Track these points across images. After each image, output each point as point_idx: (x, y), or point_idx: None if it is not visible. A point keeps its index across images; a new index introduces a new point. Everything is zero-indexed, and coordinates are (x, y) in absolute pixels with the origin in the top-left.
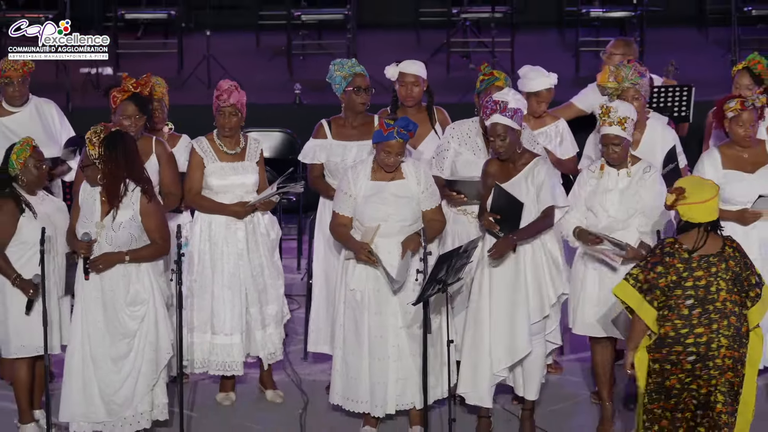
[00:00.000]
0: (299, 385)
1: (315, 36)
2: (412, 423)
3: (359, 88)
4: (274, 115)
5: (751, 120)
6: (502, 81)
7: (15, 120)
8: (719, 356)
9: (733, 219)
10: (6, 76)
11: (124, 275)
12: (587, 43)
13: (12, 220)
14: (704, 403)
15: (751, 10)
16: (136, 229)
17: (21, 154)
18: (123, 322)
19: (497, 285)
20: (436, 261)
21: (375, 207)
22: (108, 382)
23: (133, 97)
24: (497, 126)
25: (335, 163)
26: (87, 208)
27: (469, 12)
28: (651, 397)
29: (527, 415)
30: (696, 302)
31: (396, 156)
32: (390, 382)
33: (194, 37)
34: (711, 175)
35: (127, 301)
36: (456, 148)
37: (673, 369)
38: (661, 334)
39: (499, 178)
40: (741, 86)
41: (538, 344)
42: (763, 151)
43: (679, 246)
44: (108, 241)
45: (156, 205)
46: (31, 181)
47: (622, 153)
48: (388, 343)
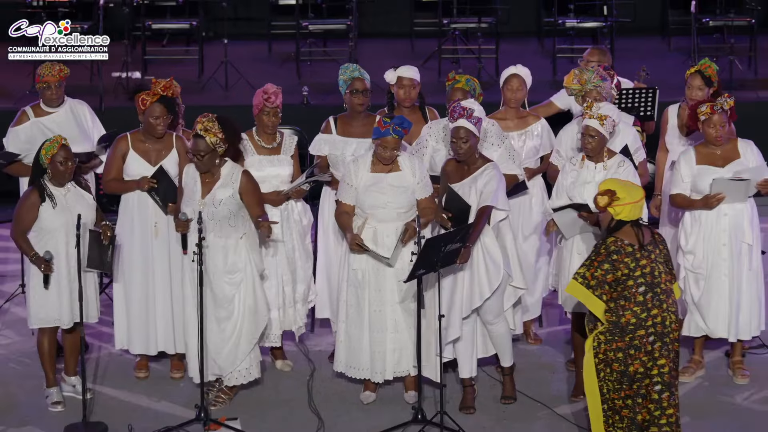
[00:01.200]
0: (307, 354)
1: (321, 44)
2: (408, 388)
3: (356, 91)
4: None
5: (720, 122)
6: (462, 83)
7: (52, 119)
8: (672, 331)
9: (700, 206)
10: (45, 81)
11: (224, 247)
12: (563, 50)
13: (33, 208)
14: (668, 381)
15: (709, 21)
16: (235, 205)
17: (49, 150)
18: (222, 288)
19: (444, 280)
20: (423, 245)
21: (374, 196)
22: (214, 342)
23: (161, 99)
24: (461, 129)
25: (335, 156)
26: (189, 189)
27: (458, 23)
28: (613, 387)
29: (508, 380)
30: (647, 288)
31: (392, 150)
32: (388, 352)
33: (213, 45)
34: (685, 171)
35: (226, 269)
36: (434, 145)
37: (637, 353)
38: (623, 324)
39: (454, 177)
40: (693, 87)
41: (501, 324)
42: (734, 148)
43: (621, 243)
44: (209, 216)
45: (254, 184)
46: (56, 174)
47: (597, 146)
48: (386, 317)
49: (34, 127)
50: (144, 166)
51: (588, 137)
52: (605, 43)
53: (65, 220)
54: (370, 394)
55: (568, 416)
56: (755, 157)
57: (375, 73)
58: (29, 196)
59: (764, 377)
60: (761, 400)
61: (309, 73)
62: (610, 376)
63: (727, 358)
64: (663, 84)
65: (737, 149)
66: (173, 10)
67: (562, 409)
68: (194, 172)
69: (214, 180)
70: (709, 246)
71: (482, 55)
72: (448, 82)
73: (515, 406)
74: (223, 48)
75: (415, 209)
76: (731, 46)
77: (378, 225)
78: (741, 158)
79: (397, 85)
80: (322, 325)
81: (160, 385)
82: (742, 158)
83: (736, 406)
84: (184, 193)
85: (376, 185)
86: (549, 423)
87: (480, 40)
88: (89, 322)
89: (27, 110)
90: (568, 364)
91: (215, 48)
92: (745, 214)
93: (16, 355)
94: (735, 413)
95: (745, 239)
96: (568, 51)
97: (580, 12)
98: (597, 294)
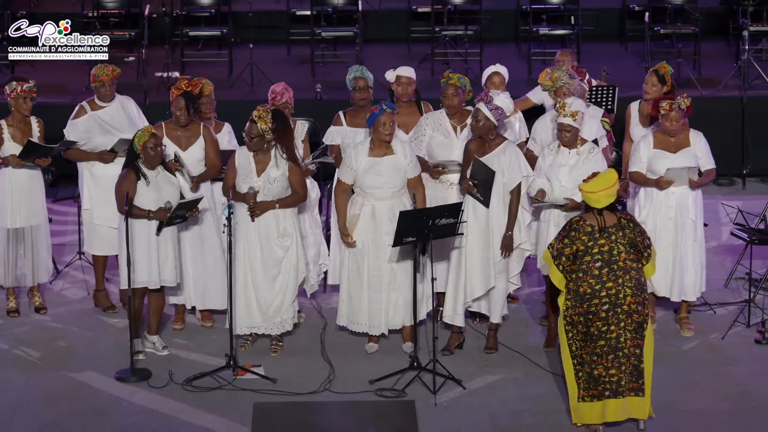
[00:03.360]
0: (320, 311)
1: (331, 48)
2: (405, 340)
3: (358, 88)
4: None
5: (676, 117)
6: (455, 80)
7: (105, 112)
8: (626, 303)
9: (653, 185)
10: (100, 80)
11: (275, 216)
12: (537, 53)
13: (133, 185)
14: (614, 345)
15: (660, 29)
16: (285, 182)
17: (141, 138)
18: (273, 251)
19: (472, 239)
20: (399, 216)
21: (372, 177)
22: (265, 297)
23: (184, 94)
24: (479, 111)
25: (347, 144)
26: (244, 168)
27: (448, 30)
28: (579, 345)
29: (492, 333)
30: (603, 263)
31: (391, 123)
32: (383, 310)
33: (240, 49)
34: (644, 152)
35: (278, 233)
36: (430, 133)
37: (593, 318)
38: (581, 292)
39: (477, 153)
40: (648, 83)
41: (501, 281)
42: (686, 138)
43: (583, 222)
44: (265, 192)
45: (298, 166)
46: (147, 158)
47: (572, 138)
48: (383, 281)
49: (91, 119)
50: (175, 149)
51: (564, 132)
52: (573, 48)
53: (156, 197)
54: (373, 345)
55: (542, 364)
56: (702, 146)
57: (377, 72)
58: (127, 175)
59: (706, 330)
60: (703, 348)
61: (322, 72)
62: (577, 336)
63: (675, 315)
64: (621, 82)
65: (689, 139)
66: (207, 19)
67: (536, 358)
68: (246, 153)
69: (266, 161)
70: (658, 218)
71: (469, 57)
72: (443, 80)
73: (497, 355)
74: (249, 51)
75: (406, 188)
76: (679, 51)
77: (376, 203)
78: (691, 146)
79: (396, 83)
80: (333, 290)
81: (194, 337)
82: (692, 146)
83: (682, 354)
84: (239, 172)
85: (373, 168)
86: (525, 369)
87: (467, 45)
88: (169, 285)
89: (84, 105)
90: (541, 320)
91: (242, 51)
92: (690, 194)
93: (76, 313)
94: (682, 360)
95: (689, 215)
96: (541, 54)
97: (552, 21)
98: (556, 263)
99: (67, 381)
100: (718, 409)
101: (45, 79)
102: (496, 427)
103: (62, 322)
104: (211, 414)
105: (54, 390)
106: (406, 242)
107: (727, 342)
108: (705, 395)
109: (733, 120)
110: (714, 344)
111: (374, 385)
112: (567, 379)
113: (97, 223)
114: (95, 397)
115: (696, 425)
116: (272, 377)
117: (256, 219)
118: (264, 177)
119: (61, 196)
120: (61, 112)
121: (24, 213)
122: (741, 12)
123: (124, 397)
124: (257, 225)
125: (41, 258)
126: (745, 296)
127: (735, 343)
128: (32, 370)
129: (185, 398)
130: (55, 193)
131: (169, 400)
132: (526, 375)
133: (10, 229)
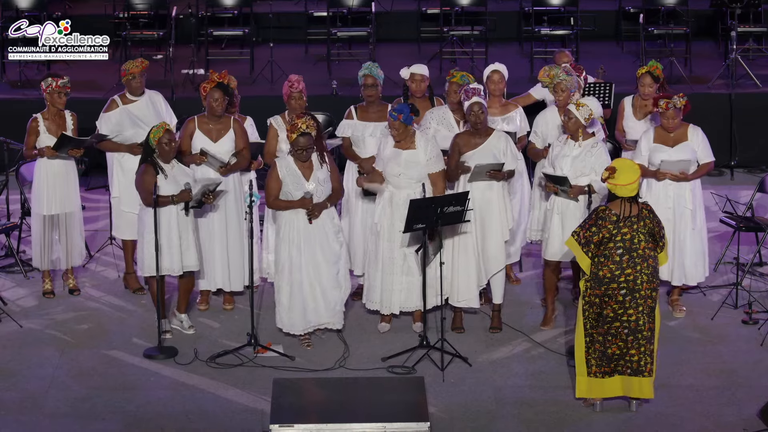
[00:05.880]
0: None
1: (347, 47)
2: (415, 320)
3: (366, 85)
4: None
5: (673, 115)
6: (458, 78)
7: (136, 106)
8: (642, 289)
9: (651, 176)
10: (131, 73)
11: (328, 214)
12: (538, 52)
13: (152, 179)
14: (634, 327)
15: (653, 30)
16: (329, 181)
17: (156, 134)
18: (332, 247)
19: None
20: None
21: (392, 167)
22: (333, 293)
23: (219, 85)
24: (479, 104)
25: (357, 136)
26: (291, 178)
27: (455, 30)
28: (592, 324)
29: (496, 314)
30: (624, 251)
31: (395, 129)
32: (395, 291)
33: (261, 47)
34: (644, 146)
35: (334, 230)
36: (435, 127)
37: (610, 301)
38: (600, 276)
39: (466, 146)
40: (645, 84)
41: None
42: (684, 133)
43: (609, 212)
44: (318, 194)
45: (335, 166)
46: (162, 153)
47: (573, 126)
48: (395, 263)
49: (122, 112)
50: (207, 142)
51: (567, 118)
52: (572, 47)
53: (174, 188)
54: (386, 325)
55: (542, 342)
56: (701, 141)
57: (389, 70)
58: (146, 170)
59: (696, 312)
60: (693, 328)
61: (337, 70)
62: (591, 315)
63: (668, 297)
64: (617, 80)
65: (687, 134)
66: (230, 20)
67: (536, 336)
68: (289, 164)
69: (309, 166)
70: (658, 208)
71: (474, 56)
72: (448, 77)
73: (501, 334)
74: (269, 50)
75: (428, 180)
76: (671, 50)
77: (394, 190)
78: (688, 141)
79: (410, 80)
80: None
81: (218, 317)
82: (690, 141)
83: (674, 333)
84: (286, 182)
85: (394, 159)
86: (526, 347)
87: (473, 44)
88: (192, 270)
89: (116, 99)
90: (541, 301)
91: (263, 50)
92: (687, 185)
93: (107, 294)
94: (673, 339)
95: (687, 205)
96: (542, 53)
97: (552, 22)
98: (584, 250)
99: (98, 358)
100: (707, 385)
101: (79, 77)
102: (500, 401)
103: (94, 302)
104: (234, 388)
105: (86, 366)
106: (416, 229)
107: (716, 322)
108: (695, 372)
109: (722, 115)
110: (703, 324)
111: (386, 363)
112: (576, 356)
113: (125, 209)
114: (125, 372)
115: (686, 399)
116: (291, 355)
117: (313, 221)
118: (314, 180)
119: (93, 185)
120: (93, 107)
121: (59, 201)
122: (729, 14)
123: (153, 372)
124: (315, 227)
125: (75, 243)
126: (733, 280)
127: (723, 323)
128: (66, 347)
129: (209, 374)
130: (87, 182)
131: (194, 375)
132: (528, 353)
133: (46, 215)
